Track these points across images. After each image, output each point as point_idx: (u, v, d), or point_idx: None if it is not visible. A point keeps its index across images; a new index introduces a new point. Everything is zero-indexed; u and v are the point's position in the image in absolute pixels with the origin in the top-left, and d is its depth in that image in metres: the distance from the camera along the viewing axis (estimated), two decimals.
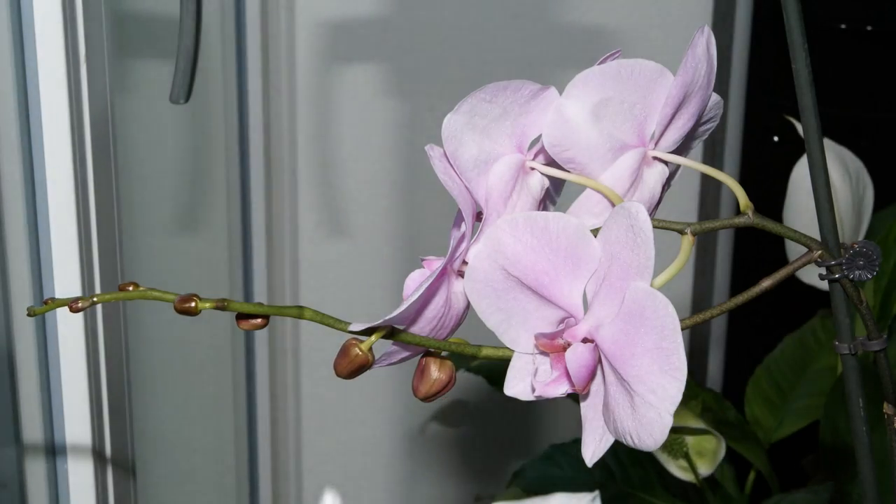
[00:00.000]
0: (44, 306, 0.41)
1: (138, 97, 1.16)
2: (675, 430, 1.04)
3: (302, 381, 1.62)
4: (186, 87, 0.93)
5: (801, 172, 1.13)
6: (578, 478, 1.15)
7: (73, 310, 0.41)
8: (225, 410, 1.46)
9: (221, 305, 0.42)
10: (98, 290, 0.87)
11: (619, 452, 1.14)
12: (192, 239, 1.37)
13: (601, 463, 1.13)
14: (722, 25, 1.54)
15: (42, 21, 0.79)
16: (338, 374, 0.46)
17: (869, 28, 1.48)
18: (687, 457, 1.06)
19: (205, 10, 0.94)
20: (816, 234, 0.50)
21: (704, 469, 1.07)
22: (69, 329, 0.85)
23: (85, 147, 0.84)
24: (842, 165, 1.11)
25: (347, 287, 1.58)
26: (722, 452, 1.06)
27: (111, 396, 0.90)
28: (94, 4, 0.84)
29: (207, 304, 0.42)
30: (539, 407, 1.63)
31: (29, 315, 0.41)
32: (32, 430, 0.89)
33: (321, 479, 1.67)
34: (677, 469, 1.08)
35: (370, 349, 0.46)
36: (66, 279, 0.84)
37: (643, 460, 1.15)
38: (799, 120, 0.49)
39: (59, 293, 0.84)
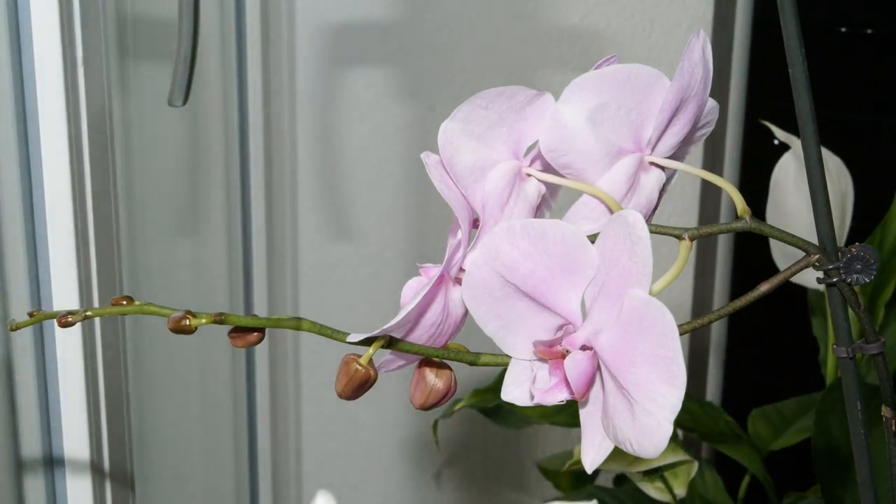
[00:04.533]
0: (28, 319, 0.40)
1: (137, 100, 1.16)
2: (654, 470, 1.10)
3: (302, 384, 1.61)
4: (184, 90, 0.93)
5: (781, 173, 1.12)
6: None
7: (62, 324, 0.40)
8: (225, 415, 1.46)
9: (218, 320, 0.41)
10: (96, 295, 0.86)
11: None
12: (191, 242, 1.37)
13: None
14: (722, 29, 1.54)
15: (39, 23, 0.79)
16: (340, 396, 0.45)
17: (869, 31, 1.48)
18: (662, 478, 1.11)
19: (205, 13, 0.94)
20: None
21: (679, 489, 1.11)
22: (67, 340, 0.85)
23: (83, 150, 0.84)
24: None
25: (348, 291, 1.57)
26: (694, 471, 1.11)
27: (109, 404, 0.90)
28: (92, 6, 0.84)
29: (203, 320, 0.42)
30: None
31: (11, 329, 0.40)
32: (30, 442, 0.89)
33: (321, 482, 1.67)
34: (655, 491, 1.12)
35: (370, 362, 0.45)
36: (63, 285, 0.84)
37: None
38: (777, 125, 0.49)
39: (57, 298, 0.83)
